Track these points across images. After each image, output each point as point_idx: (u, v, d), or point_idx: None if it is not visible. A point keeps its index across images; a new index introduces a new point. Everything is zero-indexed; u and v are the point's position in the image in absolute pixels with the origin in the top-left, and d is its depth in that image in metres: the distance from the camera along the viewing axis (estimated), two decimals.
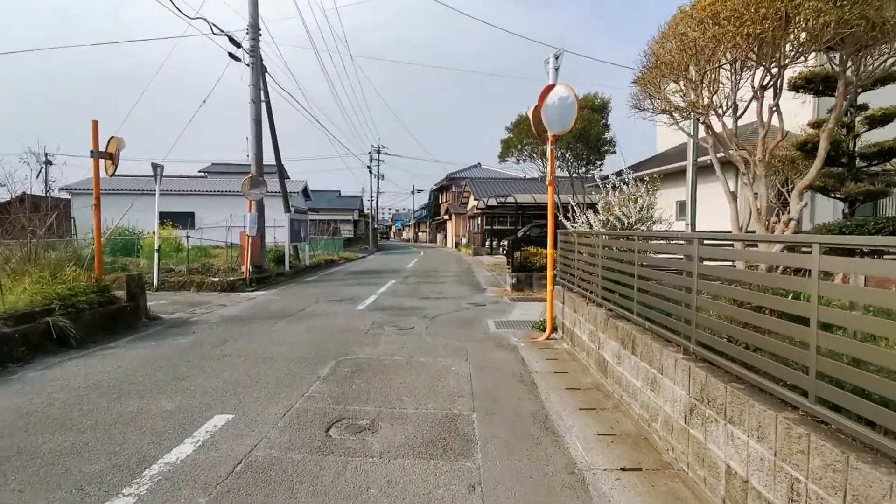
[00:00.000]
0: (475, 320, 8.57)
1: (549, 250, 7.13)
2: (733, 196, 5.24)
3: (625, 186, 6.59)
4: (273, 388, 4.71)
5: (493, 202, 27.53)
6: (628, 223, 6.16)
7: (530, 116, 7.16)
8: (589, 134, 18.44)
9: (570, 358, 6.10)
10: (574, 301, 6.45)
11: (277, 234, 18.42)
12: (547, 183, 7.20)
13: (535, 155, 20.34)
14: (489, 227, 30.14)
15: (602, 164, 20.35)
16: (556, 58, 7.03)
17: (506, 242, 24.88)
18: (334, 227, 38.73)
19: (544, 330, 7.48)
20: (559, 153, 19.86)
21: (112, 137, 7.87)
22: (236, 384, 4.81)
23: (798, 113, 11.82)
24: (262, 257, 14.37)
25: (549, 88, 6.69)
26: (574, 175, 20.73)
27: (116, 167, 7.78)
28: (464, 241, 36.88)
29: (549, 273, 7.14)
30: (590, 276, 5.94)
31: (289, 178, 40.08)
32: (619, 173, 6.98)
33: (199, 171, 40.57)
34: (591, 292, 5.81)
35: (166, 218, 26.28)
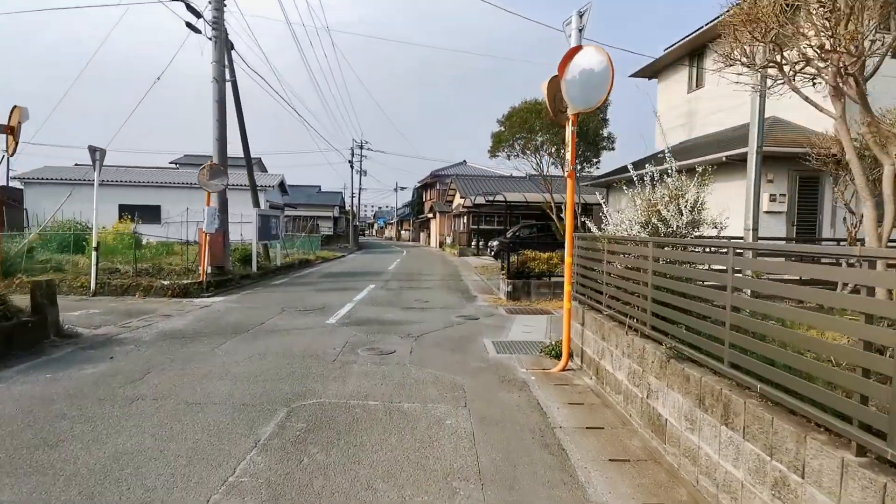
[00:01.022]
0: (469, 340, 7.11)
1: (568, 258, 5.71)
2: (873, 192, 3.85)
3: (668, 178, 5.20)
4: (183, 465, 3.17)
5: (480, 200, 26.14)
6: (678, 226, 4.77)
7: (544, 91, 5.75)
8: (587, 129, 17.14)
9: (600, 402, 4.68)
10: (601, 325, 5.04)
11: (247, 230, 16.71)
12: (566, 173, 5.78)
13: (527, 150, 18.99)
14: (475, 227, 28.77)
15: (598, 162, 19.09)
16: (581, 16, 5.59)
17: (494, 244, 23.53)
18: (313, 224, 36.93)
19: (557, 356, 6.07)
20: (552, 150, 18.56)
21: (14, 107, 6.19)
22: (130, 457, 3.26)
23: None
24: (224, 257, 12.70)
25: (573, 52, 5.26)
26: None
27: (17, 144, 6.10)
28: (448, 240, 35.44)
29: (567, 287, 5.72)
30: (629, 296, 4.53)
31: (266, 171, 38.18)
32: (651, 159, 5.60)
33: (171, 163, 38.35)
34: (633, 318, 4.40)
35: (127, 211, 24.35)
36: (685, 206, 4.77)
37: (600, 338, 5.08)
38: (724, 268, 3.09)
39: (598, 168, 19.26)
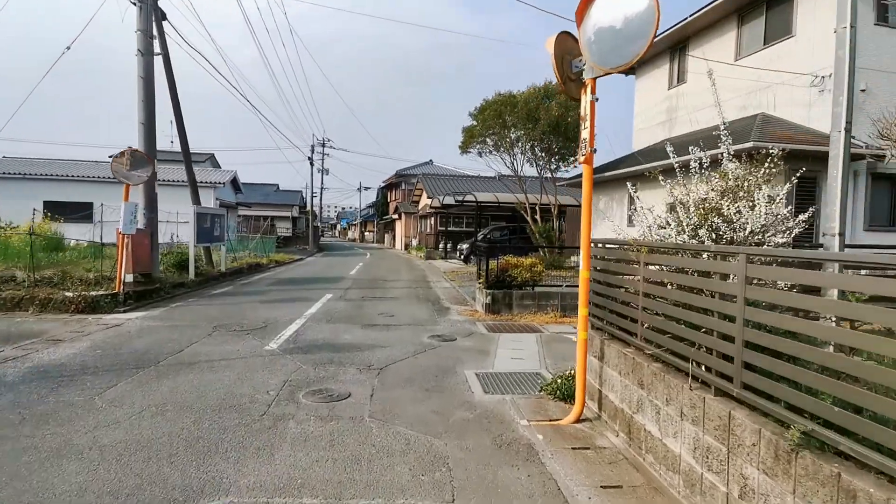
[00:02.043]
0: (447, 372, 5.60)
1: (584, 272, 4.26)
2: None
3: (730, 165, 3.87)
4: None
5: (449, 200, 24.71)
6: (750, 230, 3.43)
7: (549, 50, 4.32)
8: (566, 124, 15.96)
9: (644, 481, 3.25)
10: (637, 366, 3.63)
11: (189, 231, 14.60)
12: (581, 159, 4.34)
13: (501, 146, 17.67)
14: (443, 229, 27.33)
15: (576, 161, 17.94)
16: None
17: (464, 246, 22.15)
18: (269, 225, 34.64)
19: (563, 397, 4.67)
20: (526, 146, 17.31)
21: None
22: None
23: None
24: (151, 262, 10.73)
25: None
26: (544, 174, 18.26)
27: None
28: (414, 242, 33.85)
29: (582, 311, 4.28)
30: (692, 331, 3.13)
31: (220, 167, 35.52)
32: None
33: (111, 157, 35.20)
34: (704, 364, 3.00)
35: (53, 208, 21.57)
36: (762, 202, 3.42)
37: (635, 383, 3.66)
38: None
39: (574, 166, 18.14)
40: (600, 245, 4.74)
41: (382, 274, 17.80)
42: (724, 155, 3.99)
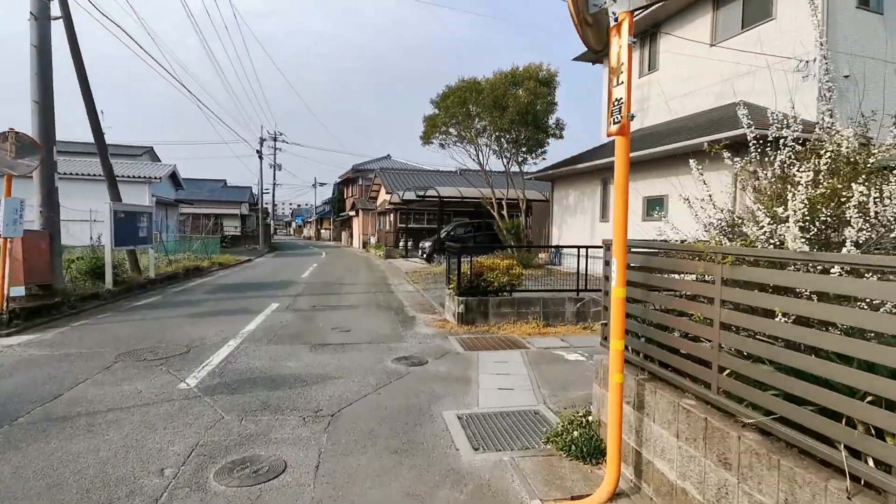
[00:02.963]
0: (421, 417, 4.27)
1: (618, 288, 3.01)
2: None
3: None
4: None
5: (409, 196, 23.30)
6: None
7: None
8: (535, 111, 14.87)
9: None
10: (718, 436, 2.42)
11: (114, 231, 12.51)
12: (611, 129, 3.11)
13: (465, 137, 16.42)
14: (403, 226, 25.90)
15: (545, 153, 16.96)
16: None
17: (426, 244, 20.84)
18: (216, 223, 32.16)
19: (581, 454, 3.44)
20: (493, 137, 16.13)
21: None
22: None
23: None
24: (51, 271, 8.83)
25: None
26: (511, 166, 17.15)
27: None
28: (373, 240, 32.23)
29: (616, 344, 3.02)
30: (841, 400, 1.92)
31: (159, 160, 32.57)
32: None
33: None
34: (871, 458, 1.80)
35: None
36: None
37: (713, 459, 2.46)
38: None
39: (544, 159, 17.14)
40: (639, 250, 3.53)
41: (339, 276, 16.22)
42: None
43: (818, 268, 2.23)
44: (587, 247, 8.55)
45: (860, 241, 2.25)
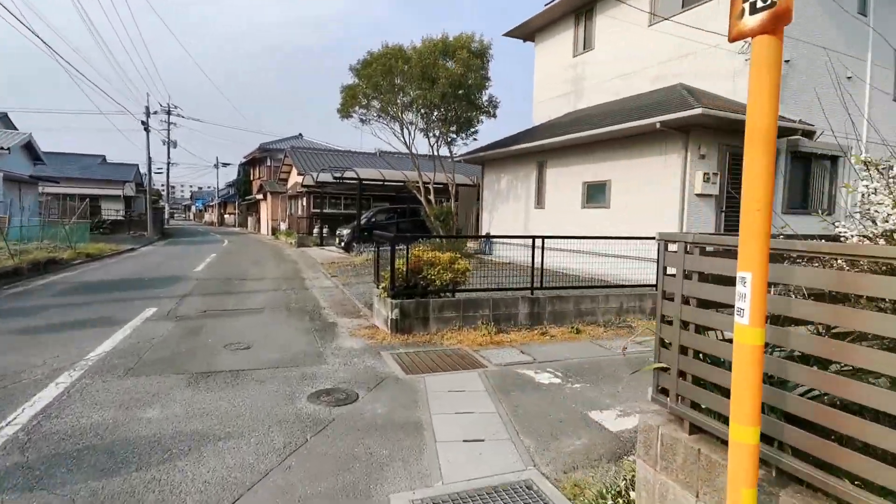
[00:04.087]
0: None
1: (754, 330, 1.63)
2: None
3: None
4: None
5: (325, 178, 21.03)
6: None
7: None
8: (468, 84, 13.46)
9: None
10: None
11: None
12: (746, 23, 1.67)
13: (389, 110, 14.64)
14: (318, 211, 23.53)
15: (476, 133, 15.66)
16: None
17: (345, 232, 18.86)
18: (91, 206, 27.53)
19: None
20: (421, 111, 14.54)
21: None
22: None
23: None
24: None
25: None
26: (440, 146, 15.68)
27: None
28: (283, 226, 29.38)
29: (747, 435, 1.65)
30: None
31: (15, 128, 27.00)
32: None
33: None
34: None
35: None
36: None
37: None
38: None
39: (475, 139, 15.84)
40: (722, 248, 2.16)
41: (242, 269, 13.84)
42: None
43: None
44: (543, 237, 7.32)
45: None
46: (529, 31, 17.34)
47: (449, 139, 15.75)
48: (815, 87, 11.17)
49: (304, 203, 25.04)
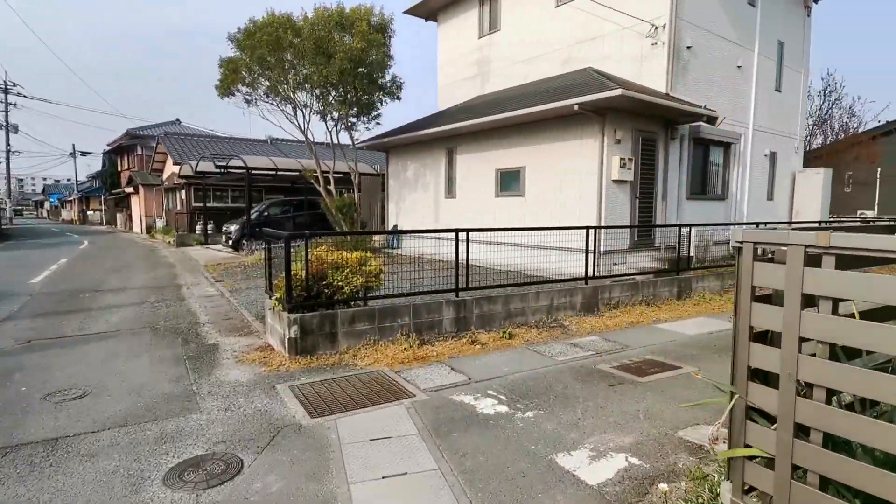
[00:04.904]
0: None
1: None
2: None
3: None
4: None
5: (206, 167, 18.44)
6: None
7: None
8: (369, 61, 12.15)
9: None
10: None
11: None
12: None
13: (279, 89, 12.86)
14: (201, 205, 20.71)
15: (379, 116, 14.40)
16: None
17: (233, 228, 16.67)
18: None
19: None
20: (317, 91, 12.97)
21: None
22: None
23: None
24: None
25: None
26: (339, 130, 14.22)
27: None
28: (160, 223, 25.78)
29: None
30: None
31: None
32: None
33: None
34: None
35: None
36: None
37: None
38: None
39: (378, 124, 14.56)
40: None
41: (98, 278, 11.33)
42: None
43: None
44: (468, 230, 6.39)
45: None
46: (432, 10, 16.34)
47: (349, 123, 14.30)
48: (712, 75, 11.48)
49: (184, 196, 21.98)
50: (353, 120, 14.30)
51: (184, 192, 21.83)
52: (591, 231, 7.45)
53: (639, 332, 6.38)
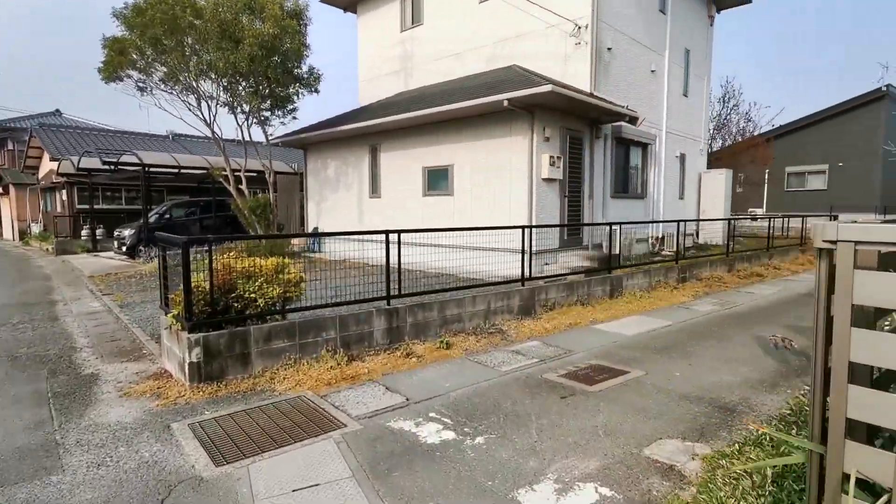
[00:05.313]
0: None
1: None
2: None
3: None
4: None
5: (91, 163, 16.20)
6: None
7: None
8: (284, 49, 11.19)
9: None
10: None
11: None
12: None
13: (181, 77, 11.49)
14: (88, 207, 18.21)
15: (296, 111, 13.41)
16: None
17: (127, 233, 14.79)
18: None
19: None
20: (224, 80, 11.76)
21: None
22: None
23: None
24: None
25: None
26: (250, 122, 13.06)
27: None
28: (36, 228, 22.52)
29: None
30: None
31: None
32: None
33: None
34: None
35: None
36: None
37: None
38: None
39: (294, 118, 13.53)
40: None
41: None
42: None
43: None
44: (399, 231, 5.82)
45: None
46: (350, 0, 15.54)
47: (262, 117, 13.13)
48: (630, 78, 11.80)
49: (65, 197, 19.27)
50: (267, 114, 13.16)
51: (65, 192, 19.14)
52: (527, 231, 7.18)
53: (578, 334, 6.17)
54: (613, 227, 8.46)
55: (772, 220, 13.35)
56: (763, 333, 6.03)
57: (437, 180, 10.94)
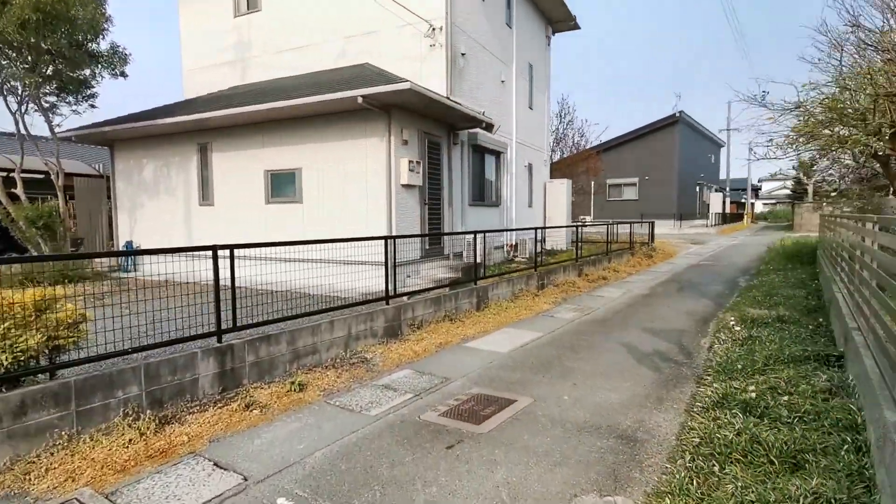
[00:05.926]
0: None
1: None
2: None
3: None
4: None
5: None
6: None
7: None
8: (73, 18, 8.86)
9: None
10: None
11: None
12: None
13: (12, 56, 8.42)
14: None
15: (94, 97, 10.88)
16: None
17: None
18: None
19: None
20: None
21: None
22: None
23: None
24: None
25: None
26: (27, 110, 10.24)
27: None
28: None
29: None
30: None
31: None
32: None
33: None
34: None
35: None
36: None
37: None
38: None
39: (92, 107, 10.90)
40: None
41: None
42: None
43: None
44: (232, 246, 4.55)
45: None
46: None
47: (46, 104, 10.32)
48: (483, 86, 11.82)
49: None
50: (53, 99, 10.38)
51: None
52: (390, 242, 6.39)
53: (452, 355, 5.55)
54: (478, 235, 8.12)
55: (609, 226, 14.53)
56: (625, 340, 6.08)
57: (282, 186, 9.57)
